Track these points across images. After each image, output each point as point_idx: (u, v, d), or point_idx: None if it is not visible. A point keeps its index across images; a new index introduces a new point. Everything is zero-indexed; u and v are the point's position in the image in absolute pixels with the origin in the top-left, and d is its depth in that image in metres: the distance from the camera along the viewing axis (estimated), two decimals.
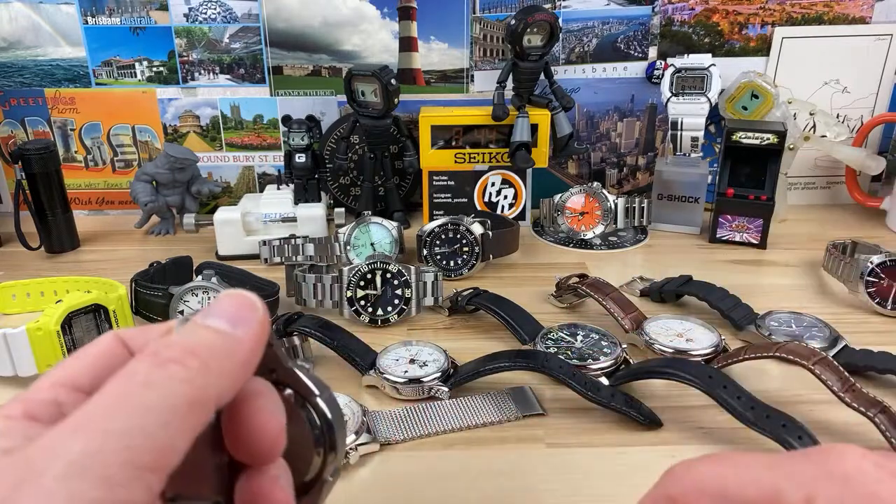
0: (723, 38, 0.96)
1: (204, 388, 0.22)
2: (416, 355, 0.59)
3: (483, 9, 0.95)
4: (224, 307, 0.24)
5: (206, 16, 0.94)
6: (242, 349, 0.23)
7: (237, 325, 0.24)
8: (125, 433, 0.20)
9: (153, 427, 0.20)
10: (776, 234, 0.88)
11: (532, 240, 0.92)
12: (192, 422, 0.21)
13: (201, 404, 0.22)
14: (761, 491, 0.23)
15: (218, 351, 0.23)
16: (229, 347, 0.23)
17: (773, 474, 0.23)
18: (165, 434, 0.20)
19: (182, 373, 0.21)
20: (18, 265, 0.86)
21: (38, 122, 0.99)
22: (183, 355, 0.22)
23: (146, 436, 0.20)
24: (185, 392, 0.21)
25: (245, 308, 0.24)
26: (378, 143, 0.93)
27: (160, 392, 0.21)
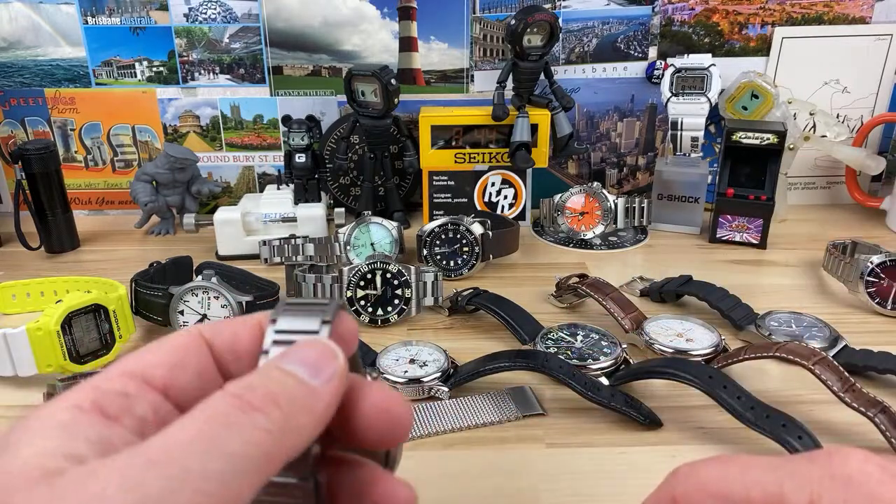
0: (723, 38, 0.96)
1: (281, 441, 0.21)
2: (416, 355, 0.59)
3: (483, 9, 0.95)
4: (305, 354, 0.23)
5: (206, 16, 0.94)
6: (321, 403, 0.22)
7: (317, 375, 0.23)
8: (204, 477, 0.19)
9: (230, 475, 0.19)
10: (776, 234, 0.88)
11: (532, 240, 0.92)
12: (264, 475, 0.20)
13: (277, 457, 0.21)
14: (765, 492, 0.23)
15: (299, 403, 0.22)
16: (309, 400, 0.22)
17: (777, 475, 0.23)
18: (238, 484, 0.19)
19: (264, 423, 0.21)
20: (18, 265, 0.86)
21: (38, 122, 0.99)
22: (265, 403, 0.21)
23: (222, 483, 0.19)
24: (264, 442, 0.20)
25: (326, 358, 0.23)
26: (378, 143, 0.93)
27: (243, 439, 0.20)
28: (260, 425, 0.20)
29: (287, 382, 0.22)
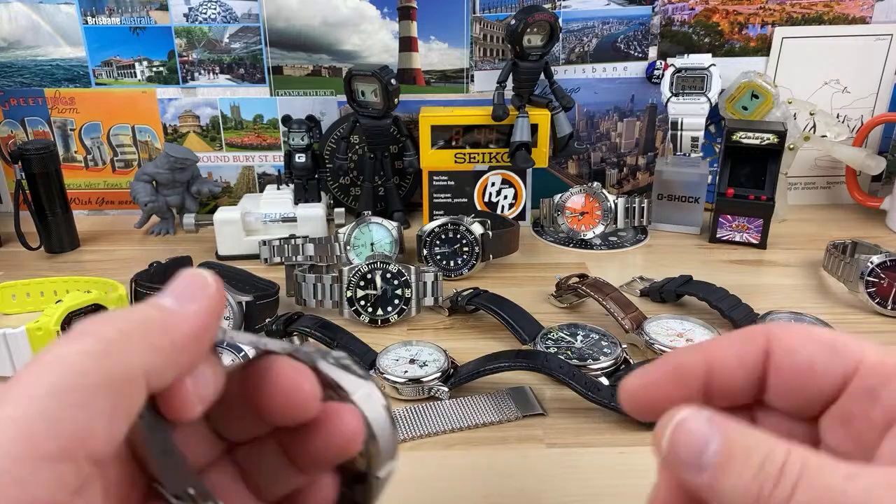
0: (723, 38, 0.96)
1: (126, 364, 0.20)
2: (416, 355, 0.59)
3: (483, 9, 0.95)
4: (173, 285, 0.23)
5: (206, 16, 0.94)
6: (184, 324, 0.22)
7: (183, 301, 0.23)
8: (21, 420, 0.17)
9: (56, 409, 0.18)
10: (776, 234, 0.88)
11: (532, 240, 0.92)
12: (114, 400, 0.19)
13: (124, 380, 0.20)
14: (878, 355, 0.23)
15: (149, 325, 0.21)
16: (165, 322, 0.22)
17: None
18: (77, 416, 0.18)
19: (95, 346, 0.20)
20: (18, 265, 0.86)
21: (38, 122, 0.99)
22: (98, 328, 0.20)
23: (47, 420, 0.18)
24: (98, 367, 0.19)
25: (194, 285, 0.23)
26: (378, 143, 0.93)
27: (66, 369, 0.19)
28: (90, 350, 0.19)
29: (139, 309, 0.22)
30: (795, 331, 0.24)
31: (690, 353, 0.25)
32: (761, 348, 0.24)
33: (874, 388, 0.22)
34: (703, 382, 0.25)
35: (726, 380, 0.25)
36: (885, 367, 0.22)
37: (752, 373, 0.24)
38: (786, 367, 0.24)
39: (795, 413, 0.25)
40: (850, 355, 0.23)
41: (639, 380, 0.26)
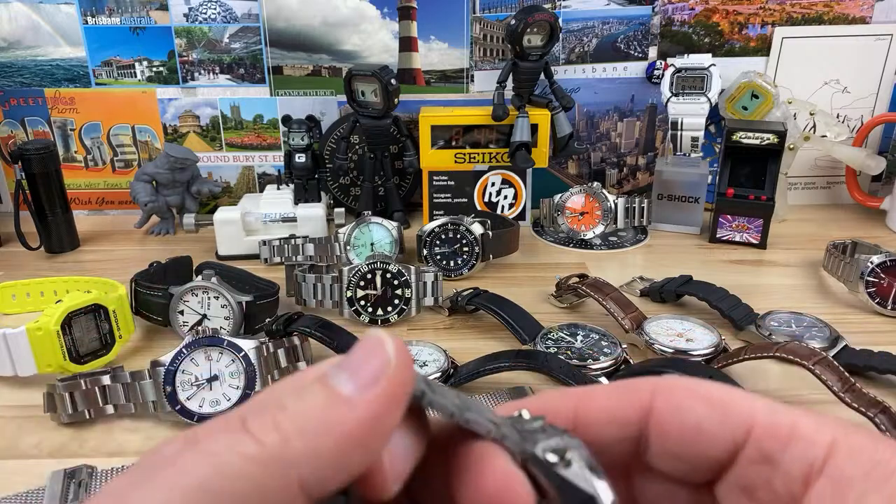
0: (723, 38, 0.96)
1: (282, 476, 0.17)
2: (416, 355, 0.59)
3: (483, 9, 0.95)
4: (352, 359, 0.18)
5: (206, 16, 0.94)
6: (357, 418, 0.17)
7: (363, 386, 0.18)
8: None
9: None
10: (776, 234, 0.88)
11: (532, 240, 0.92)
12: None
13: (278, 491, 0.16)
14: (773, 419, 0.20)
15: (313, 423, 0.17)
16: (331, 419, 0.17)
17: (790, 410, 0.21)
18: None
19: (252, 449, 0.17)
20: (18, 265, 0.86)
21: (38, 122, 0.99)
22: (259, 424, 0.17)
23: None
24: (251, 475, 0.16)
25: (376, 362, 0.18)
26: (378, 143, 0.93)
27: (221, 469, 0.16)
28: (245, 451, 0.16)
29: (312, 396, 0.18)
30: (683, 387, 0.21)
31: (559, 398, 0.22)
32: (642, 404, 0.21)
33: (770, 454, 0.19)
34: (570, 428, 0.21)
35: (594, 436, 0.21)
36: (779, 430, 0.19)
37: (627, 431, 0.21)
38: (670, 428, 0.21)
39: (683, 478, 0.21)
40: (742, 416, 0.20)
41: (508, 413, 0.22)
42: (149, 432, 0.53)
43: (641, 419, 0.21)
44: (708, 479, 0.21)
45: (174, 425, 0.54)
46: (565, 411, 0.22)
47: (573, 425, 0.22)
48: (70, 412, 0.53)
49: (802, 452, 0.19)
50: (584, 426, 0.22)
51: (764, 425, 0.20)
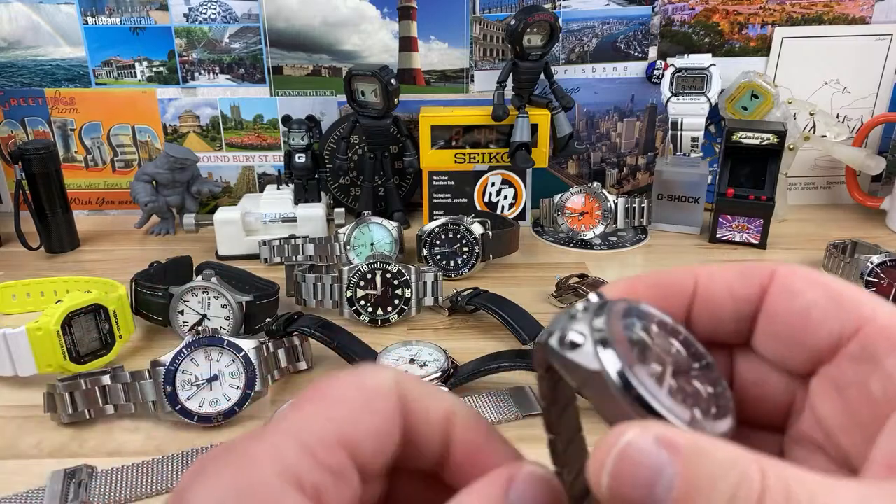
0: (723, 38, 0.96)
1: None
2: (416, 355, 0.59)
3: (483, 9, 0.95)
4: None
5: (206, 16, 0.94)
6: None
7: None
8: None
9: None
10: (776, 234, 0.88)
11: (532, 240, 0.92)
12: None
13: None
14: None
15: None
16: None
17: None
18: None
19: None
20: (18, 265, 0.86)
21: (38, 122, 0.99)
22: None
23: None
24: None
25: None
26: (378, 143, 0.93)
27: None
28: None
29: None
30: (802, 273, 0.21)
31: (680, 274, 0.22)
32: (760, 285, 0.21)
33: (875, 354, 0.19)
34: (687, 306, 0.22)
35: (712, 310, 0.22)
36: (892, 332, 0.19)
37: (743, 309, 0.21)
38: (779, 310, 0.20)
39: (782, 364, 0.21)
40: (857, 311, 0.19)
41: (621, 289, 0.22)
42: (149, 432, 0.53)
43: (759, 297, 0.21)
44: (806, 370, 0.21)
45: (174, 425, 0.54)
46: (683, 284, 0.22)
47: (692, 300, 0.22)
48: (70, 412, 0.53)
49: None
50: (703, 301, 0.22)
51: (877, 325, 0.19)
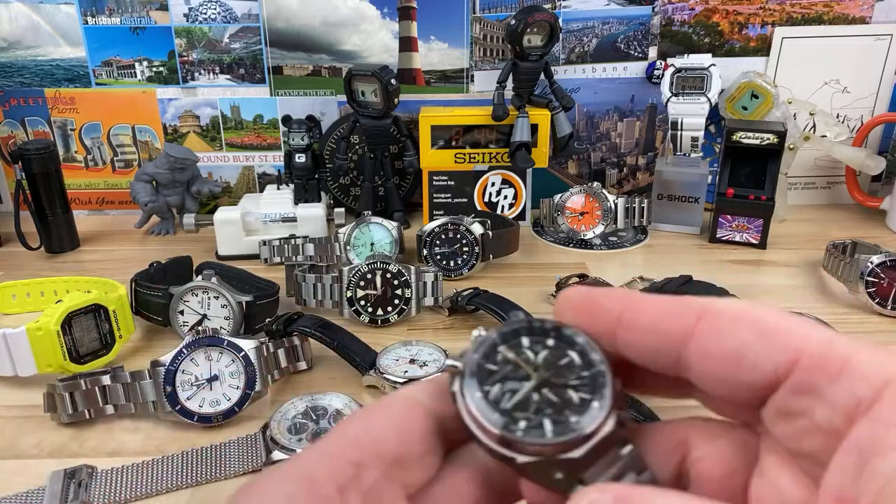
0: (723, 38, 0.96)
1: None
2: (416, 355, 0.59)
3: (483, 9, 0.95)
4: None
5: (206, 16, 0.94)
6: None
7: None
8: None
9: None
10: (776, 234, 0.88)
11: (532, 240, 0.92)
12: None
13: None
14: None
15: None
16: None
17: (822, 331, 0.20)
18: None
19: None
20: (18, 265, 0.86)
21: (38, 122, 0.99)
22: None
23: None
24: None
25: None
26: (378, 143, 0.93)
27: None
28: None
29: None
30: (731, 312, 0.20)
31: (613, 297, 0.22)
32: (686, 322, 0.21)
33: (815, 386, 0.19)
34: (613, 330, 0.22)
35: (636, 339, 0.22)
36: (829, 363, 0.18)
37: (668, 343, 0.21)
38: (711, 351, 0.20)
39: (727, 399, 0.21)
40: (789, 344, 0.19)
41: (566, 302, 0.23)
42: (149, 432, 0.53)
43: (685, 335, 0.21)
44: (751, 403, 0.21)
45: (174, 425, 0.54)
46: (612, 312, 0.22)
47: (616, 327, 0.22)
48: (70, 412, 0.53)
49: (850, 388, 0.18)
50: (626, 329, 0.22)
51: (813, 356, 0.19)
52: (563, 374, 0.22)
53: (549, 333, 0.24)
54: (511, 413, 0.21)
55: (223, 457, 0.49)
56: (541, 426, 0.21)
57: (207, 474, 0.48)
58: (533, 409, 0.21)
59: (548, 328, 0.24)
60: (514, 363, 0.23)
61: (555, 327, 0.24)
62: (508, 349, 0.23)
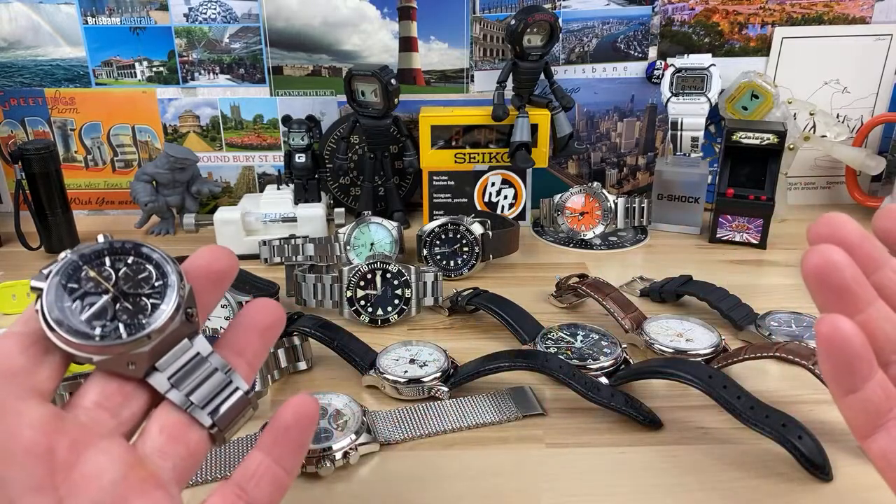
0: (723, 38, 0.96)
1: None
2: (416, 355, 0.59)
3: (483, 9, 0.95)
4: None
5: (206, 16, 0.94)
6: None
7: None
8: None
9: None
10: (776, 234, 0.88)
11: (532, 240, 0.92)
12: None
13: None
14: None
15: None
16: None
17: None
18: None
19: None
20: (18, 265, 0.86)
21: (38, 122, 0.99)
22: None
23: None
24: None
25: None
26: (378, 143, 0.93)
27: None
28: None
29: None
30: None
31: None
32: None
33: None
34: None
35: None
36: None
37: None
38: None
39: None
40: None
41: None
42: None
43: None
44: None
45: None
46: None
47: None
48: None
49: None
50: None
51: None
52: (140, 286, 0.29)
53: (130, 252, 0.30)
54: (88, 323, 0.27)
55: (223, 457, 0.49)
56: (117, 330, 0.27)
57: (207, 474, 0.48)
58: (109, 317, 0.28)
59: (128, 247, 0.30)
60: (95, 280, 0.28)
61: (134, 246, 0.30)
62: (91, 268, 0.29)
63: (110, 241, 0.30)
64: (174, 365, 0.29)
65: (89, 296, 0.28)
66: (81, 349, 0.27)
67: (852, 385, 0.28)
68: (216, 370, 0.30)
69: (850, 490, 0.45)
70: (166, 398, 0.29)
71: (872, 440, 0.29)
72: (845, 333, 0.27)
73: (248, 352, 0.32)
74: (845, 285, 0.28)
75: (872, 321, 0.28)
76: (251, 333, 0.32)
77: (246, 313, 0.33)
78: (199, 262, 0.31)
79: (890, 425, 0.28)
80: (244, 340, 0.32)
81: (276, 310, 0.33)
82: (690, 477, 0.47)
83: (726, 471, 0.47)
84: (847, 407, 0.29)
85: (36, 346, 0.27)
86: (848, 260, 0.28)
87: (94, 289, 0.28)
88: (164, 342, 0.28)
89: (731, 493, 0.45)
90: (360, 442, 0.49)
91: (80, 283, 0.28)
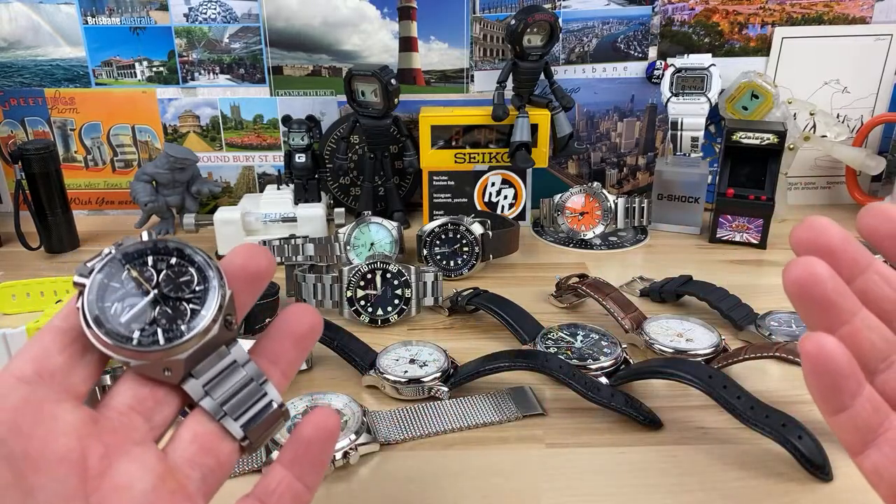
0: (723, 38, 0.96)
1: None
2: (416, 355, 0.59)
3: (483, 9, 0.95)
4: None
5: (206, 16, 0.94)
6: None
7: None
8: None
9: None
10: (776, 234, 0.88)
11: (532, 240, 0.92)
12: None
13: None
14: None
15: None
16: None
17: None
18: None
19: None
20: (18, 265, 0.86)
21: (38, 122, 0.99)
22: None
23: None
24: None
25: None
26: (378, 143, 0.93)
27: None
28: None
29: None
30: None
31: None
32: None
33: None
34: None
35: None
36: None
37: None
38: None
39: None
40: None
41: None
42: None
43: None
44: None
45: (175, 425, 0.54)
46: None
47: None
48: None
49: None
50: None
51: None
52: (181, 289, 0.28)
53: (173, 253, 0.28)
54: (127, 326, 0.26)
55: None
56: (155, 335, 0.26)
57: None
58: (148, 320, 0.27)
59: (172, 248, 0.28)
60: (136, 280, 0.27)
61: (178, 247, 0.28)
62: (133, 268, 0.28)
63: (154, 240, 0.29)
64: (210, 372, 0.28)
65: (130, 297, 0.27)
66: (119, 352, 0.26)
67: (840, 404, 0.28)
68: (252, 380, 0.29)
69: (850, 490, 0.45)
70: (199, 406, 0.28)
71: (865, 456, 0.29)
72: (830, 353, 0.27)
73: (282, 360, 0.31)
74: (827, 297, 0.28)
75: (857, 332, 0.28)
76: (286, 341, 0.31)
77: (282, 319, 0.32)
78: (236, 261, 0.30)
79: (880, 441, 0.28)
80: (280, 348, 0.31)
81: (312, 317, 0.32)
82: (690, 477, 0.47)
83: (726, 471, 0.47)
84: (837, 425, 0.29)
85: (75, 344, 0.27)
86: (829, 272, 0.28)
87: (135, 289, 0.27)
88: (202, 349, 0.28)
89: (731, 493, 0.45)
90: (360, 442, 0.49)
91: (122, 282, 0.27)
